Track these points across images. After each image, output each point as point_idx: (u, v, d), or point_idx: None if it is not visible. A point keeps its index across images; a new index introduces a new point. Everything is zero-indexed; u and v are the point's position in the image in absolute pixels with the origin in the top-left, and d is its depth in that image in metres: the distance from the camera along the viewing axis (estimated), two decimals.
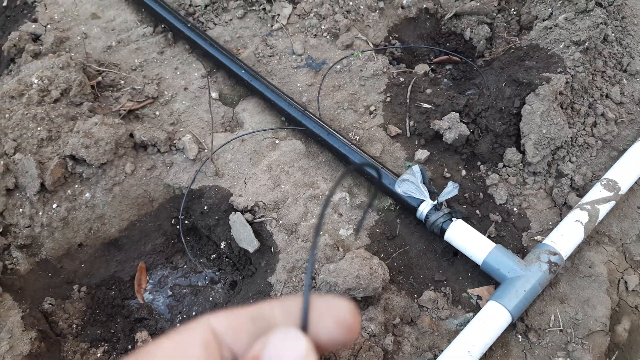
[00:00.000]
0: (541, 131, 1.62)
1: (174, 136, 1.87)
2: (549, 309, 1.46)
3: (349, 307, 0.36)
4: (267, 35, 2.12)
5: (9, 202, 1.66)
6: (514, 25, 2.15)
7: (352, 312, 0.36)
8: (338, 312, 0.35)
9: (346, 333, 0.35)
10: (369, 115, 1.89)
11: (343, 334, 0.35)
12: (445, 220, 1.55)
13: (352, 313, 0.36)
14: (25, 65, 1.94)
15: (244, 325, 0.36)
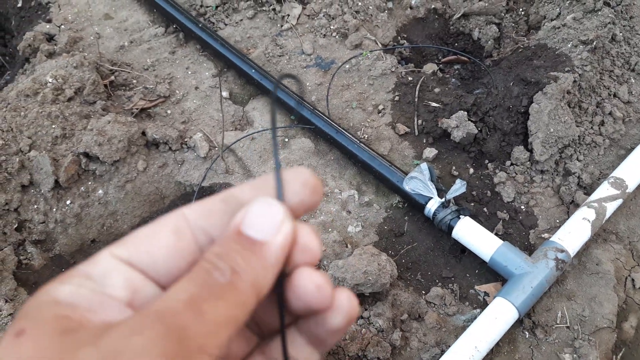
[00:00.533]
0: (549, 130, 1.63)
1: (185, 134, 1.90)
2: (556, 305, 1.47)
3: (310, 172, 0.38)
4: (277, 35, 2.15)
5: (24, 199, 1.69)
6: (522, 25, 2.17)
7: (314, 175, 0.38)
8: (302, 177, 0.37)
9: (312, 194, 0.37)
10: (377, 114, 1.91)
11: (309, 195, 0.37)
12: (453, 218, 1.56)
13: (313, 176, 0.38)
14: (39, 64, 1.97)
15: (216, 207, 0.37)
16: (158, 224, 0.36)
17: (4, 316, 1.51)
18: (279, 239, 0.35)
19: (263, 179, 0.38)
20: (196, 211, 0.37)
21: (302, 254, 0.37)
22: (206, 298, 0.31)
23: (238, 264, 0.33)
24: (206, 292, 0.32)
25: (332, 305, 0.37)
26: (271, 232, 0.35)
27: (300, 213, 0.38)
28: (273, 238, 0.35)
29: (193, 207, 0.37)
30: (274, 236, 0.35)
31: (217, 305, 0.31)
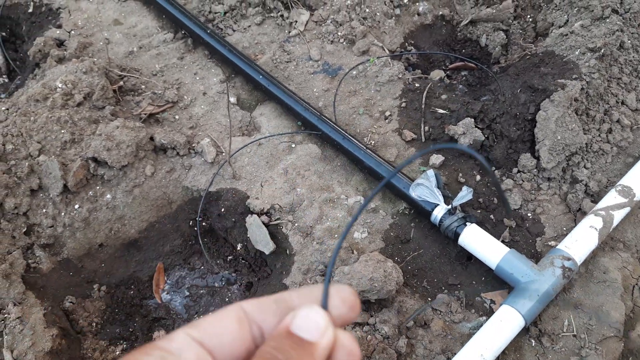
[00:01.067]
0: (556, 137, 1.63)
1: (192, 140, 1.91)
2: (563, 314, 1.47)
3: (350, 290, 0.45)
4: (285, 41, 2.16)
5: (33, 203, 1.70)
6: (530, 32, 2.17)
7: (353, 293, 0.45)
8: (343, 294, 0.44)
9: (349, 310, 0.44)
10: (384, 120, 1.91)
11: (347, 311, 0.44)
12: (459, 225, 1.56)
13: (353, 294, 0.45)
14: (49, 69, 1.99)
15: (269, 307, 0.44)
16: (223, 312, 0.43)
17: (13, 319, 1.52)
18: (325, 341, 0.41)
19: (309, 289, 0.45)
20: (253, 306, 0.44)
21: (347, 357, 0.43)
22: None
23: (292, 356, 0.40)
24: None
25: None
26: (318, 335, 0.41)
27: (337, 324, 0.44)
28: (320, 339, 0.41)
29: (250, 302, 0.44)
30: (321, 338, 0.41)
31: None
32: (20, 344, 1.50)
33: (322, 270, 1.61)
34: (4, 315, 1.54)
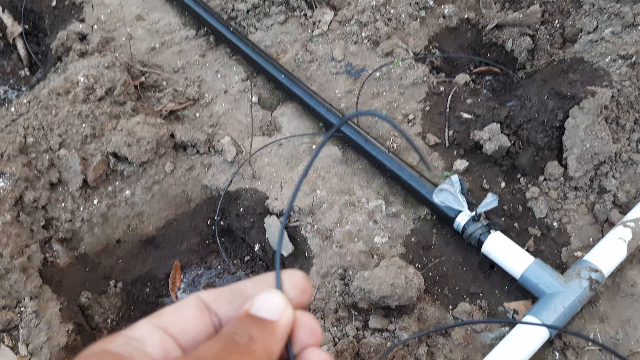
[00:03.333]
0: (584, 145, 1.59)
1: (213, 138, 1.89)
2: (588, 327, 1.43)
3: (301, 274, 0.47)
4: (308, 41, 2.14)
5: (52, 196, 1.70)
6: (557, 38, 2.13)
7: (304, 277, 0.47)
8: (294, 279, 0.46)
9: (301, 294, 0.46)
10: (407, 123, 1.88)
11: (300, 294, 0.46)
12: (483, 232, 1.53)
13: (304, 277, 0.47)
14: (71, 63, 1.99)
15: (225, 296, 0.46)
16: (182, 301, 0.44)
17: (29, 313, 1.51)
18: (285, 319, 0.44)
19: (262, 277, 0.47)
20: (210, 295, 0.46)
21: (309, 336, 0.45)
22: (230, 352, 0.40)
23: (253, 332, 0.42)
24: (230, 347, 0.41)
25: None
26: (278, 314, 0.43)
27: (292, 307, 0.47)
28: (280, 317, 0.43)
29: (207, 292, 0.46)
30: (281, 317, 0.43)
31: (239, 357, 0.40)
32: (36, 338, 1.49)
33: (341, 274, 1.59)
34: (21, 309, 1.53)
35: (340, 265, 1.60)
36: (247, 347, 0.41)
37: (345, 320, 1.50)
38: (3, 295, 1.50)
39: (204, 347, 0.41)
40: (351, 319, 1.50)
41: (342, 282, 1.58)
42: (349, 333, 1.45)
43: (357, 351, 1.39)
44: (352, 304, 1.52)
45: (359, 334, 1.46)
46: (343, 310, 1.52)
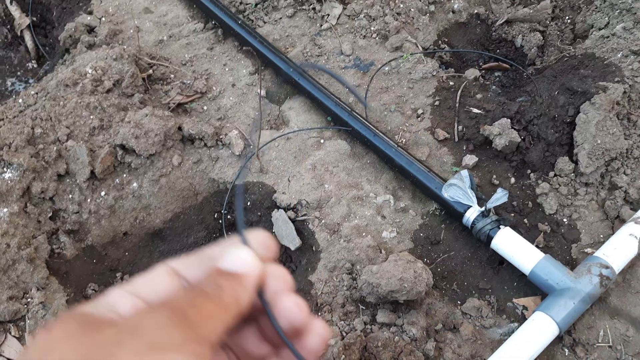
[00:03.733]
0: (596, 141, 1.58)
1: (220, 131, 1.88)
2: (598, 323, 1.42)
3: (265, 233, 0.48)
4: (316, 34, 2.13)
5: (59, 188, 1.69)
6: (568, 34, 2.11)
7: (268, 235, 0.48)
8: (258, 238, 0.47)
9: (267, 250, 0.47)
10: (416, 118, 1.87)
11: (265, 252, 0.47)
12: (492, 228, 1.52)
13: (267, 236, 0.48)
14: (79, 55, 1.98)
15: (193, 262, 0.46)
16: (153, 269, 0.45)
17: (36, 304, 1.51)
18: (252, 270, 0.45)
19: (227, 242, 0.48)
20: (179, 262, 0.46)
21: (279, 283, 0.47)
22: (200, 299, 0.41)
23: (222, 283, 0.43)
24: (199, 295, 0.41)
25: (310, 329, 0.47)
26: (247, 266, 0.45)
27: None
28: (249, 270, 0.44)
29: (175, 260, 0.46)
30: (249, 269, 0.45)
31: (208, 304, 0.41)
32: None
33: (349, 268, 1.58)
34: (27, 299, 1.52)
35: (348, 260, 1.59)
36: (215, 295, 0.42)
37: (353, 314, 1.49)
38: (10, 286, 1.50)
39: (172, 297, 0.41)
40: (359, 313, 1.49)
41: (350, 276, 1.57)
42: (357, 327, 1.44)
43: (364, 345, 1.38)
44: (360, 298, 1.51)
45: (367, 328, 1.45)
46: (351, 305, 1.51)
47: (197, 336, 0.38)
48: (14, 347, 1.47)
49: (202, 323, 0.39)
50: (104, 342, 0.35)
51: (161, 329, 0.37)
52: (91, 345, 0.35)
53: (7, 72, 2.41)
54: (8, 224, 1.55)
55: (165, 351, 0.35)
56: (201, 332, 0.38)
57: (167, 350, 0.35)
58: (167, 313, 0.38)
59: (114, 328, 0.36)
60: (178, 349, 0.36)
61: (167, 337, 0.36)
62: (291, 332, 0.47)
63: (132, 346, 0.35)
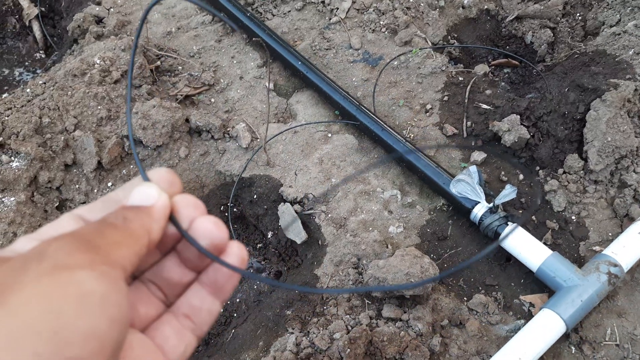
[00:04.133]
0: (606, 138, 1.56)
1: (228, 124, 1.88)
2: (606, 322, 1.41)
3: (166, 169, 0.48)
4: (325, 28, 2.12)
5: (67, 178, 1.69)
6: (579, 31, 2.09)
7: (169, 171, 0.48)
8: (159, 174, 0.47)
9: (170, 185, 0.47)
10: (424, 113, 1.86)
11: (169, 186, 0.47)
12: (500, 224, 1.51)
13: (169, 171, 0.48)
14: (87, 45, 1.98)
15: (98, 206, 0.46)
16: (59, 218, 0.44)
17: None
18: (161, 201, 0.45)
19: (130, 182, 0.47)
20: (83, 209, 0.46)
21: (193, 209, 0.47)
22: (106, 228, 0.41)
23: (128, 215, 0.43)
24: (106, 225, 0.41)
25: (227, 251, 0.47)
26: (153, 199, 0.45)
27: None
28: (154, 202, 0.45)
29: (81, 208, 0.46)
30: (155, 201, 0.45)
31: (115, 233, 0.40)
32: None
33: (355, 262, 1.58)
34: None
35: (354, 254, 1.59)
36: (122, 226, 0.42)
37: (359, 308, 1.49)
38: None
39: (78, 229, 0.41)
40: (365, 308, 1.48)
41: (356, 270, 1.56)
42: (363, 321, 1.44)
43: (370, 339, 1.37)
44: (366, 292, 1.50)
45: (373, 322, 1.44)
46: (356, 299, 1.51)
47: (106, 259, 0.38)
48: None
49: (110, 249, 0.39)
50: (8, 270, 0.35)
51: (66, 252, 0.37)
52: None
53: (15, 62, 2.40)
54: (15, 212, 1.55)
55: (72, 270, 0.35)
56: (110, 257, 0.38)
57: (74, 269, 0.35)
58: (72, 239, 0.38)
59: (18, 257, 0.37)
60: (86, 268, 0.36)
61: (72, 259, 0.36)
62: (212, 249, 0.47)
63: (37, 269, 0.35)
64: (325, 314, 1.48)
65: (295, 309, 1.50)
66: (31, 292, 0.34)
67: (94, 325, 0.35)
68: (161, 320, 0.47)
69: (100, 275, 0.36)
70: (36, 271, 0.35)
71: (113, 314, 0.36)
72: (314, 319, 1.46)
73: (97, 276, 0.36)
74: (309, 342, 1.39)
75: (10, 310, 0.33)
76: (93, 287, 0.35)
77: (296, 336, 1.40)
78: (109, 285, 0.37)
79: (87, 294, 0.35)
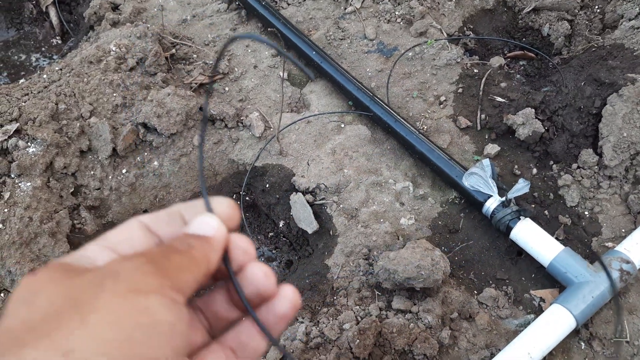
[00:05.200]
0: (622, 134, 1.55)
1: (241, 113, 1.89)
2: (616, 318, 1.41)
3: (228, 202, 0.50)
4: (340, 18, 2.11)
5: (82, 164, 1.71)
6: (597, 24, 2.07)
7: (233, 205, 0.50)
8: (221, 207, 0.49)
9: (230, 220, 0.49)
10: (438, 105, 1.85)
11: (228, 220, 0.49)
12: (512, 218, 1.51)
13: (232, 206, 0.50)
14: (103, 32, 1.99)
15: (163, 218, 0.48)
16: (125, 224, 0.46)
17: None
18: (219, 234, 0.47)
19: (194, 203, 0.50)
20: (149, 218, 0.48)
21: (244, 255, 0.49)
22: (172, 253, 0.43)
23: (192, 242, 0.45)
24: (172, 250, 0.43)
25: (279, 294, 0.49)
26: (213, 231, 0.47)
27: None
28: (215, 233, 0.46)
29: (146, 216, 0.48)
30: (215, 232, 0.47)
31: (180, 258, 0.42)
32: None
33: (366, 253, 1.58)
34: None
35: (365, 245, 1.59)
36: (187, 252, 0.44)
37: (369, 300, 1.50)
38: (32, 258, 1.53)
39: (146, 250, 0.43)
40: (374, 299, 1.49)
41: (367, 261, 1.57)
42: (372, 312, 1.44)
43: (379, 331, 1.38)
44: (376, 284, 1.51)
45: (382, 314, 1.45)
46: (366, 290, 1.51)
47: (172, 284, 0.39)
48: None
49: (175, 274, 0.41)
50: (86, 285, 0.37)
51: (139, 274, 0.38)
52: (74, 288, 0.37)
53: (32, 48, 2.42)
54: (31, 197, 1.57)
55: (145, 294, 0.37)
56: (176, 282, 0.40)
57: (146, 294, 0.37)
58: (144, 261, 0.40)
59: (95, 273, 0.38)
60: (157, 293, 0.38)
61: (145, 282, 0.38)
62: (259, 298, 0.48)
63: (113, 289, 0.37)
64: (335, 304, 1.49)
65: (305, 299, 1.51)
66: (107, 315, 0.35)
67: (159, 356, 0.36)
68: (209, 349, 0.48)
69: (170, 303, 0.38)
70: (112, 291, 0.37)
71: (178, 344, 0.38)
72: (323, 309, 1.47)
73: (167, 304, 0.38)
74: (319, 332, 1.40)
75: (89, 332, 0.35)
76: (163, 317, 0.37)
77: (306, 325, 1.41)
78: (176, 314, 0.38)
79: (157, 323, 0.37)
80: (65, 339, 0.34)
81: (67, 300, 0.36)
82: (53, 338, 0.34)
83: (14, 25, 2.48)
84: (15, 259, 1.50)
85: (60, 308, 0.36)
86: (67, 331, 0.34)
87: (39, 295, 0.37)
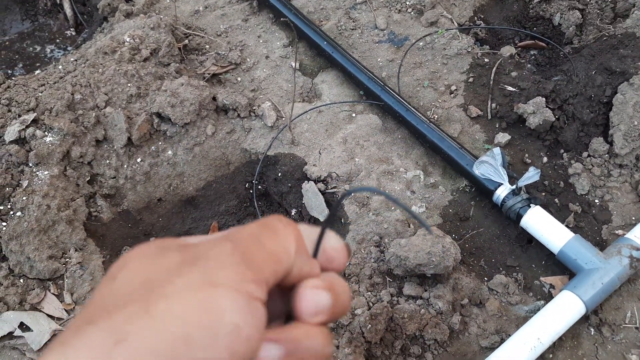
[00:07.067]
0: (632, 122, 1.56)
1: (254, 102, 1.91)
2: (626, 305, 1.42)
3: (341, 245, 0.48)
4: (351, 8, 2.12)
5: (98, 153, 1.74)
6: (608, 13, 2.06)
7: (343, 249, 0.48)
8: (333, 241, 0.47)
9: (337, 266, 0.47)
10: (449, 94, 1.86)
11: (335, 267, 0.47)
12: (523, 206, 1.52)
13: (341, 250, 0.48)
14: (117, 23, 2.01)
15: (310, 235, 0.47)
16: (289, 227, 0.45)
17: (74, 264, 1.57)
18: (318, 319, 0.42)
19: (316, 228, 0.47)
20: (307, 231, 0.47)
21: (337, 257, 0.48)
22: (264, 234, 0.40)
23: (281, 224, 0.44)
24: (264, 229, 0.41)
25: None
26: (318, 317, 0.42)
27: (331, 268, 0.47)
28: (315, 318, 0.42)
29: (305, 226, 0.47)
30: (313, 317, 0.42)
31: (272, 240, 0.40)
32: (80, 287, 1.55)
33: (377, 241, 1.60)
34: (66, 259, 1.58)
35: (377, 233, 1.61)
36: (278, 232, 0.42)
37: (380, 286, 1.52)
38: (50, 245, 1.56)
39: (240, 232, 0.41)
40: (386, 285, 1.51)
41: (378, 249, 1.59)
42: (384, 298, 1.47)
43: (391, 316, 1.41)
44: (387, 270, 1.53)
45: (393, 299, 1.47)
46: (378, 277, 1.54)
47: (255, 276, 0.37)
48: (53, 304, 1.54)
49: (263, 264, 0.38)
50: (166, 267, 0.36)
51: (219, 263, 0.36)
52: (153, 270, 0.36)
53: (47, 39, 2.46)
54: (49, 186, 1.60)
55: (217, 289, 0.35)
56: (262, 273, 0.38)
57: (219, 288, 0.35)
58: (230, 247, 0.38)
59: (177, 254, 0.37)
60: (230, 290, 0.35)
61: (224, 275, 0.36)
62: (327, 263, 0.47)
63: (188, 278, 0.35)
64: None
65: None
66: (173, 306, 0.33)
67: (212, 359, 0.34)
68: None
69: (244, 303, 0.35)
70: (185, 281, 0.35)
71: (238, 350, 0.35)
72: None
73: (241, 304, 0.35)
74: None
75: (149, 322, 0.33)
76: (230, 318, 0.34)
77: None
78: (246, 316, 0.35)
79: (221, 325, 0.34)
80: (124, 323, 0.32)
81: (143, 281, 0.35)
82: (113, 320, 0.33)
83: (28, 17, 2.52)
84: (34, 246, 1.53)
85: (134, 289, 0.35)
86: (128, 316, 0.33)
87: (123, 272, 0.36)
